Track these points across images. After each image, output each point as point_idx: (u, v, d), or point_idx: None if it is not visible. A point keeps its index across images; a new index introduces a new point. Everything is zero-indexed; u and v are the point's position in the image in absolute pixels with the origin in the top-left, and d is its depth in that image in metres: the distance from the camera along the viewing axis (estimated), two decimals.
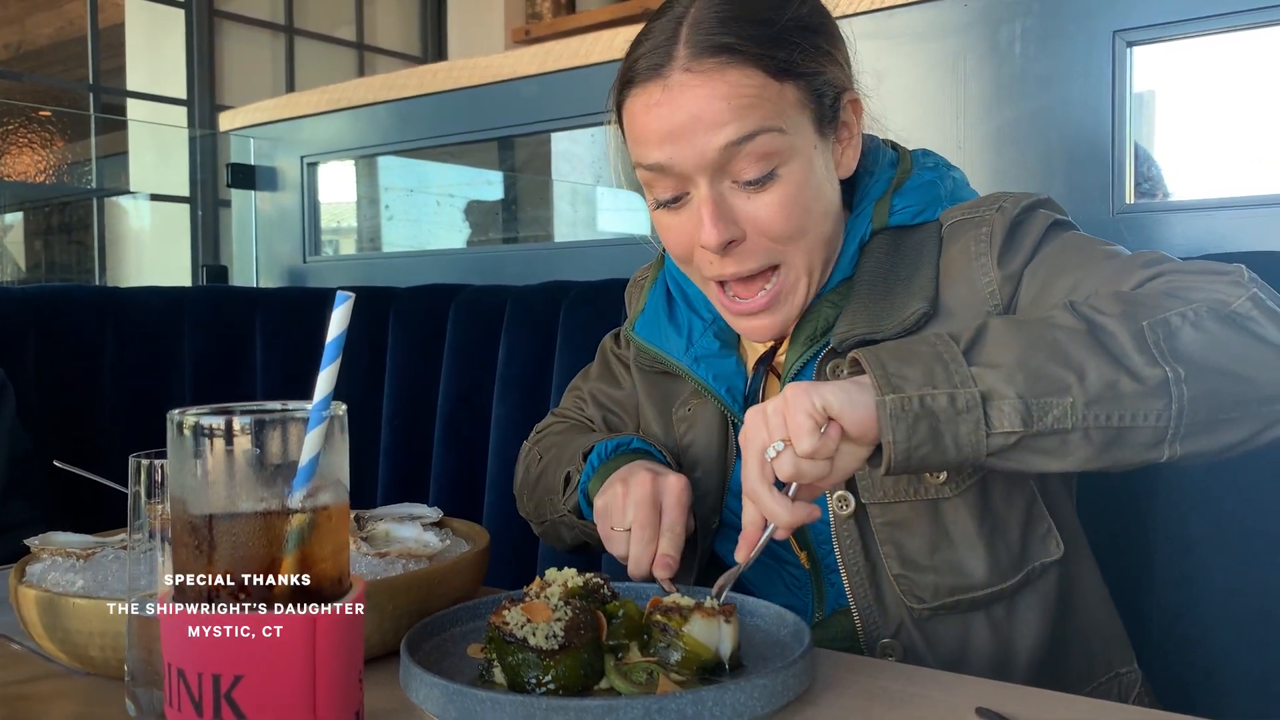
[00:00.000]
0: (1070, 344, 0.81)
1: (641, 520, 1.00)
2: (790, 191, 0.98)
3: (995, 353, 0.82)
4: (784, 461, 0.83)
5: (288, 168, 2.60)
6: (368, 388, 2.01)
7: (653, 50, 0.98)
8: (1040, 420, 0.80)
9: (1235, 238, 1.38)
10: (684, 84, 0.95)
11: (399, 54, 4.90)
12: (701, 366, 1.11)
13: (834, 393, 0.82)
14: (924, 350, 0.83)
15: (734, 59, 0.95)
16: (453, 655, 0.88)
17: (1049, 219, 1.03)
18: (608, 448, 1.11)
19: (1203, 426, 0.81)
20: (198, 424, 0.55)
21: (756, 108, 0.95)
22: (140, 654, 0.74)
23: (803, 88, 0.98)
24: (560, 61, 2.07)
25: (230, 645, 0.53)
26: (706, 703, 0.74)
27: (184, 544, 0.55)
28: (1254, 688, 1.19)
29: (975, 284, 1.01)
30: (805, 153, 0.99)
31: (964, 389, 0.80)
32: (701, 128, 0.95)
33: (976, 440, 0.80)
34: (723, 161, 0.96)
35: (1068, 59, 1.51)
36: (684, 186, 1.00)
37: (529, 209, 3.02)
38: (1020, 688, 0.83)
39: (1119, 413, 0.80)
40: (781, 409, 0.83)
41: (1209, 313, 0.82)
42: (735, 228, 0.99)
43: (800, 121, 0.99)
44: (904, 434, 0.80)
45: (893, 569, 1.01)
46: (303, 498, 0.55)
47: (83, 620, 0.84)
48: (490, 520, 1.78)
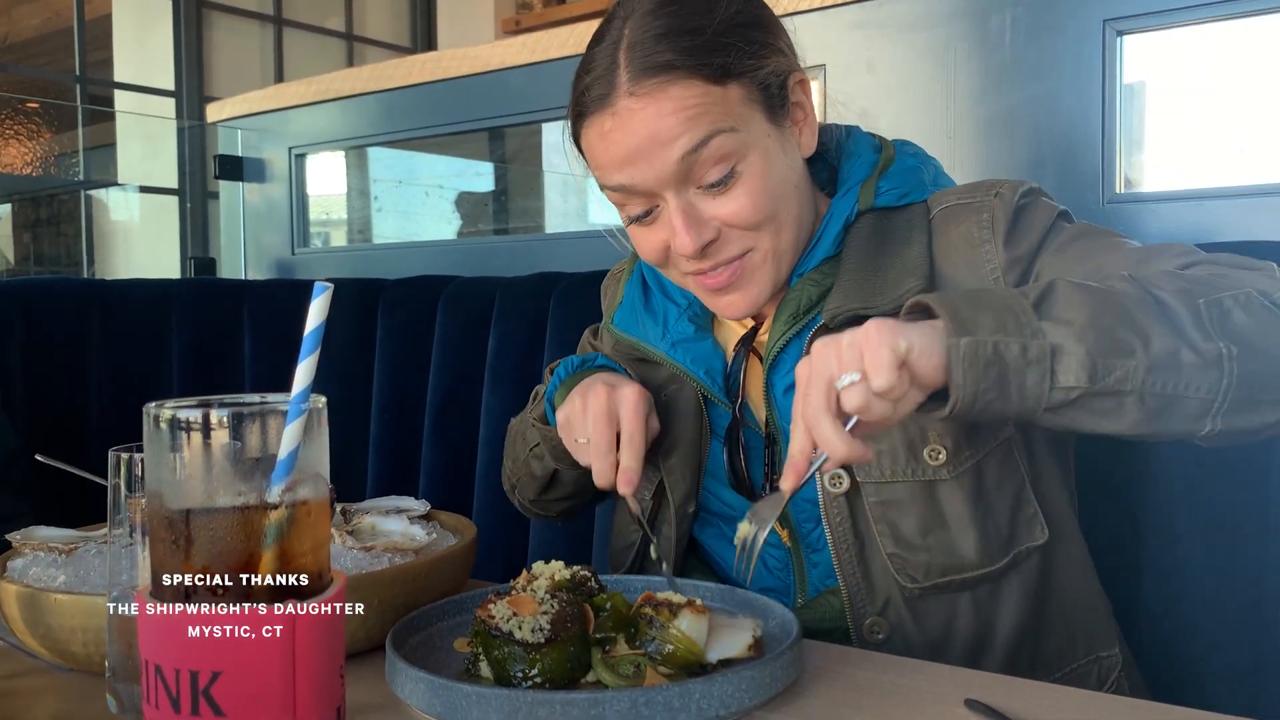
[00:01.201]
0: (1136, 310, 0.83)
1: (598, 433, 1.02)
2: (754, 184, 1.00)
3: (1065, 310, 0.83)
4: (856, 393, 0.82)
5: (276, 159, 2.58)
6: (357, 380, 2.00)
7: (596, 81, 1.00)
8: (1104, 379, 0.81)
9: (1225, 227, 1.38)
10: (631, 109, 0.97)
11: (388, 44, 4.88)
12: (679, 351, 1.12)
13: (918, 336, 0.82)
14: (994, 299, 0.84)
15: (674, 75, 0.97)
16: (439, 649, 0.87)
17: (1053, 209, 1.04)
18: (574, 363, 1.16)
19: (1244, 404, 0.84)
20: (174, 417, 0.54)
21: (704, 115, 0.97)
22: (121, 649, 0.74)
23: (746, 84, 1.00)
24: (549, 52, 2.06)
25: (208, 642, 0.52)
26: (694, 695, 0.73)
27: (161, 539, 0.54)
28: (1242, 678, 1.19)
29: (979, 270, 1.01)
30: (761, 144, 1.00)
31: (1036, 339, 0.81)
32: (656, 146, 0.97)
33: (1040, 392, 0.82)
34: (683, 171, 0.99)
35: (1058, 48, 1.50)
36: (652, 200, 1.02)
37: (519, 200, 3.00)
38: (1009, 678, 0.83)
39: (1176, 381, 0.82)
40: (861, 342, 0.82)
41: (1259, 299, 0.85)
42: (708, 230, 1.01)
43: (750, 116, 1.00)
44: (974, 379, 0.81)
45: (887, 548, 1.02)
46: (281, 492, 0.54)
47: (64, 616, 0.83)
48: (480, 512, 1.77)
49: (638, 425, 1.03)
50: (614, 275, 1.31)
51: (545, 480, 1.22)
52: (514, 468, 1.27)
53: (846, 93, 1.68)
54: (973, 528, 1.01)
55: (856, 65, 1.68)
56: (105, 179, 3.95)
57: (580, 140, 1.05)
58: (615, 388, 1.05)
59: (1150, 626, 1.24)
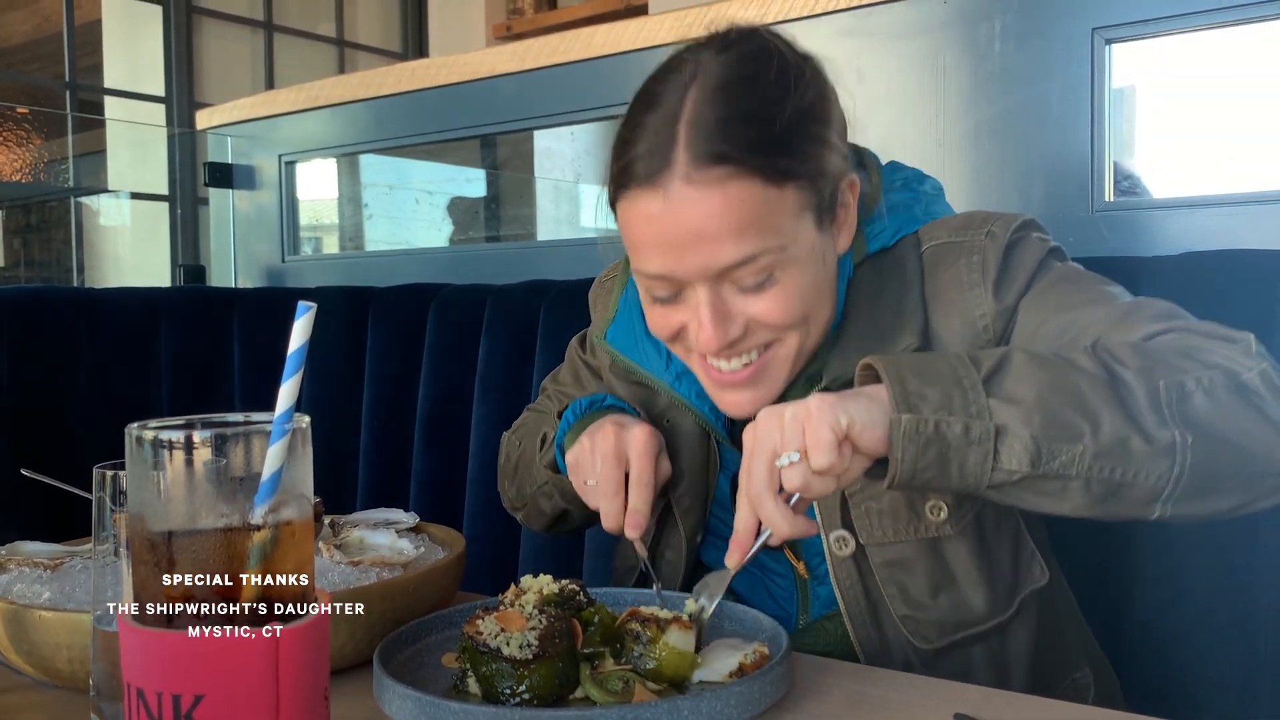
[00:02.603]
0: (1089, 391, 0.81)
1: (607, 473, 1.00)
2: (790, 290, 0.96)
3: (1016, 387, 0.81)
4: (796, 473, 0.82)
5: (266, 166, 2.58)
6: (347, 388, 1.99)
7: (650, 154, 0.93)
8: (1048, 464, 0.80)
9: (1214, 235, 1.38)
10: (684, 197, 0.91)
11: (380, 50, 4.87)
12: (683, 383, 1.08)
13: (858, 409, 0.81)
14: (944, 370, 0.82)
15: (734, 170, 0.91)
16: (427, 665, 0.87)
17: (1043, 246, 1.02)
18: (582, 405, 1.11)
19: (1196, 492, 0.82)
20: (156, 438, 0.54)
21: (756, 226, 0.92)
22: (105, 667, 0.73)
23: (804, 187, 0.95)
24: (540, 59, 2.06)
25: (190, 665, 0.52)
26: (682, 712, 0.73)
27: (143, 561, 0.54)
28: (1233, 687, 1.19)
29: (969, 316, 0.99)
30: (805, 254, 0.96)
31: (979, 420, 0.80)
32: (702, 243, 0.92)
33: (981, 472, 0.81)
34: (722, 273, 0.94)
35: (1047, 56, 1.50)
36: (680, 286, 0.97)
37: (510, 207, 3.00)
38: (999, 692, 0.83)
39: (1123, 469, 0.80)
40: (802, 418, 0.81)
41: (1222, 381, 0.82)
42: (735, 326, 0.97)
43: (800, 224, 0.95)
44: (913, 455, 0.80)
45: (898, 610, 1.01)
46: (265, 513, 0.54)
47: (49, 633, 0.82)
48: (470, 522, 1.77)
49: (647, 465, 1.01)
50: (603, 284, 1.27)
51: (555, 517, 1.20)
52: (518, 496, 1.24)
53: None
54: (981, 581, 1.00)
55: (846, 73, 1.67)
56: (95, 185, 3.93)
57: (618, 207, 0.98)
58: (625, 427, 1.03)
59: (1140, 636, 1.24)
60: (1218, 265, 1.25)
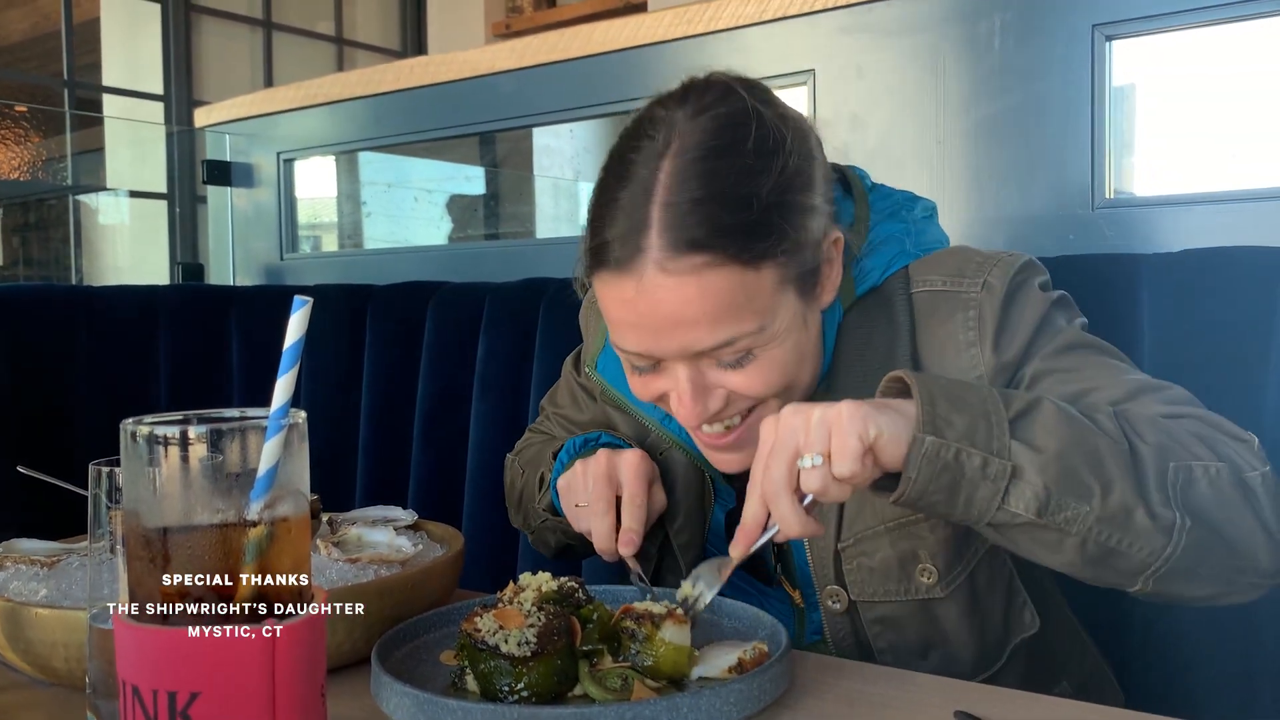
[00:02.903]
0: (1108, 455, 0.81)
1: (596, 493, 1.00)
2: (770, 364, 0.94)
3: (1040, 435, 0.81)
4: (816, 477, 0.81)
5: (264, 164, 2.57)
6: (345, 386, 1.99)
7: (623, 239, 0.90)
8: (1053, 515, 0.80)
9: (1214, 232, 1.38)
10: (659, 285, 0.89)
11: (379, 48, 4.87)
12: (672, 423, 1.06)
13: (887, 423, 0.80)
14: (974, 401, 0.82)
15: (709, 258, 0.88)
16: (425, 662, 0.87)
17: (1045, 299, 0.99)
18: (576, 444, 1.10)
19: (1180, 574, 0.83)
20: (152, 433, 0.53)
21: (733, 312, 0.90)
22: (102, 665, 0.73)
23: (784, 264, 0.91)
24: (538, 56, 2.05)
25: (186, 662, 0.51)
26: (681, 709, 0.73)
27: (138, 557, 0.54)
28: (1236, 685, 1.18)
29: (965, 376, 0.96)
30: (786, 326, 0.94)
31: (999, 458, 0.80)
32: (679, 330, 0.91)
33: (987, 509, 0.81)
34: (699, 354, 0.93)
35: (1047, 53, 1.50)
36: (659, 359, 0.95)
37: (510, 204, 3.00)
38: (998, 689, 0.82)
39: (1121, 537, 0.81)
40: (831, 422, 0.80)
41: (1228, 476, 0.83)
42: (715, 399, 0.95)
43: (781, 300, 0.92)
44: (927, 477, 0.80)
45: (886, 662, 1.00)
46: (261, 509, 0.54)
47: (45, 631, 0.82)
48: (469, 519, 1.76)
49: (639, 486, 1.00)
50: (592, 306, 1.23)
51: (560, 548, 1.20)
52: (524, 525, 1.24)
53: (835, 98, 1.67)
54: (971, 640, 1.00)
55: (845, 70, 1.68)
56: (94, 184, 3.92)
57: (593, 281, 0.96)
58: (617, 452, 1.02)
59: (1141, 634, 1.24)
60: (1218, 262, 1.25)
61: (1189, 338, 1.23)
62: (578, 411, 1.26)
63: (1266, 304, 1.19)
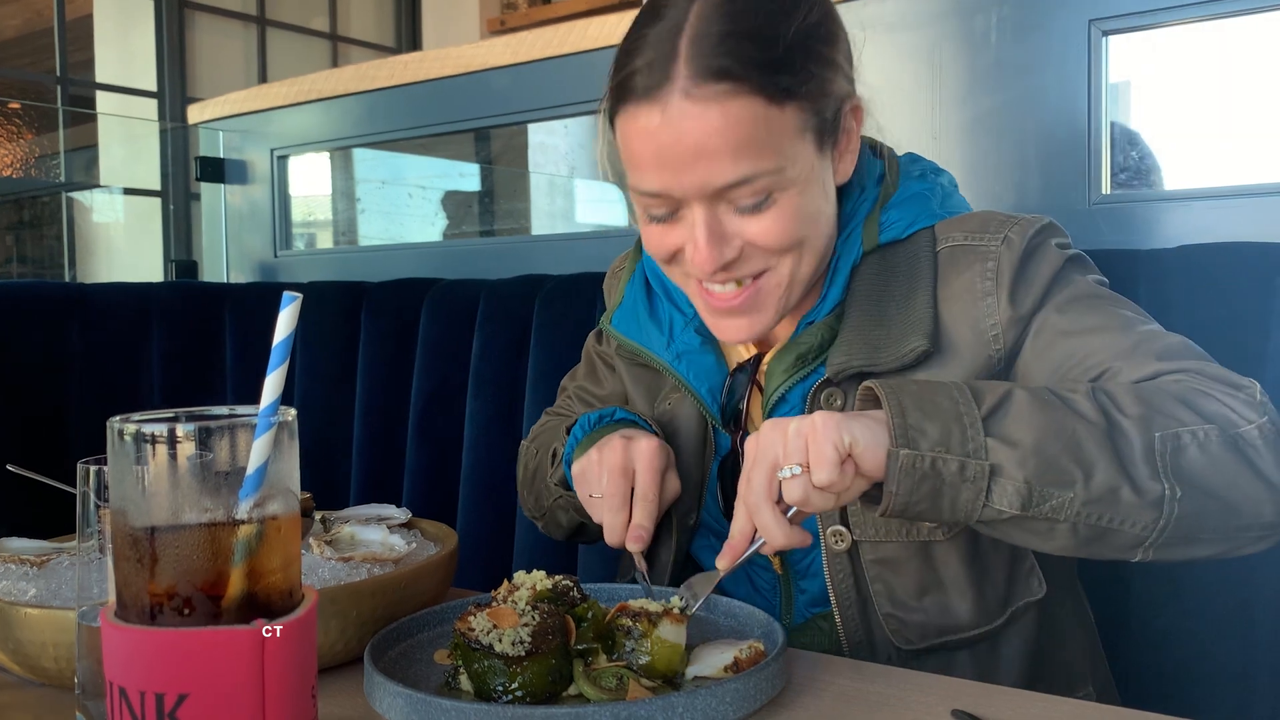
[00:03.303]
0: (1086, 438, 0.82)
1: (612, 488, 1.00)
2: (787, 211, 0.95)
3: (1015, 429, 0.82)
4: (796, 486, 0.82)
5: (258, 161, 2.56)
6: (340, 383, 1.98)
7: (649, 66, 0.91)
8: (1037, 506, 0.81)
9: (1211, 227, 1.37)
10: (684, 112, 0.90)
11: (373, 45, 4.86)
12: (683, 363, 1.08)
13: (862, 431, 0.81)
14: (945, 404, 0.82)
15: (735, 87, 0.90)
16: (419, 662, 0.86)
17: (1061, 256, 1.00)
18: (590, 419, 1.11)
19: (1179, 541, 0.83)
20: (139, 431, 0.53)
21: (755, 145, 0.91)
22: (91, 665, 0.72)
23: (805, 108, 0.93)
24: (533, 52, 2.04)
25: (173, 663, 0.50)
26: (676, 709, 0.72)
27: (125, 557, 0.53)
28: (1234, 680, 1.18)
29: (979, 325, 0.98)
30: (804, 175, 0.95)
31: (975, 459, 0.81)
32: (700, 163, 0.91)
33: (972, 509, 0.82)
34: (719, 193, 0.93)
35: (1043, 48, 1.50)
36: (677, 205, 0.96)
37: (505, 201, 2.99)
38: (997, 688, 0.82)
39: (1110, 516, 0.82)
40: (806, 433, 0.82)
41: (1218, 435, 0.83)
42: (730, 248, 0.96)
43: (800, 146, 0.94)
44: (908, 489, 0.81)
45: (883, 608, 1.00)
46: (250, 508, 0.53)
47: (35, 630, 0.81)
48: (464, 516, 1.75)
49: (652, 480, 1.00)
50: (614, 273, 1.27)
51: (573, 529, 1.19)
52: (536, 507, 1.23)
53: None
54: (969, 589, 1.00)
55: None
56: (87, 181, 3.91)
57: (616, 122, 0.97)
58: (632, 440, 1.02)
59: (1138, 629, 1.24)
60: (1215, 258, 1.25)
61: (1186, 333, 1.22)
62: (597, 385, 1.27)
63: (1263, 299, 1.19)
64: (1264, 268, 1.20)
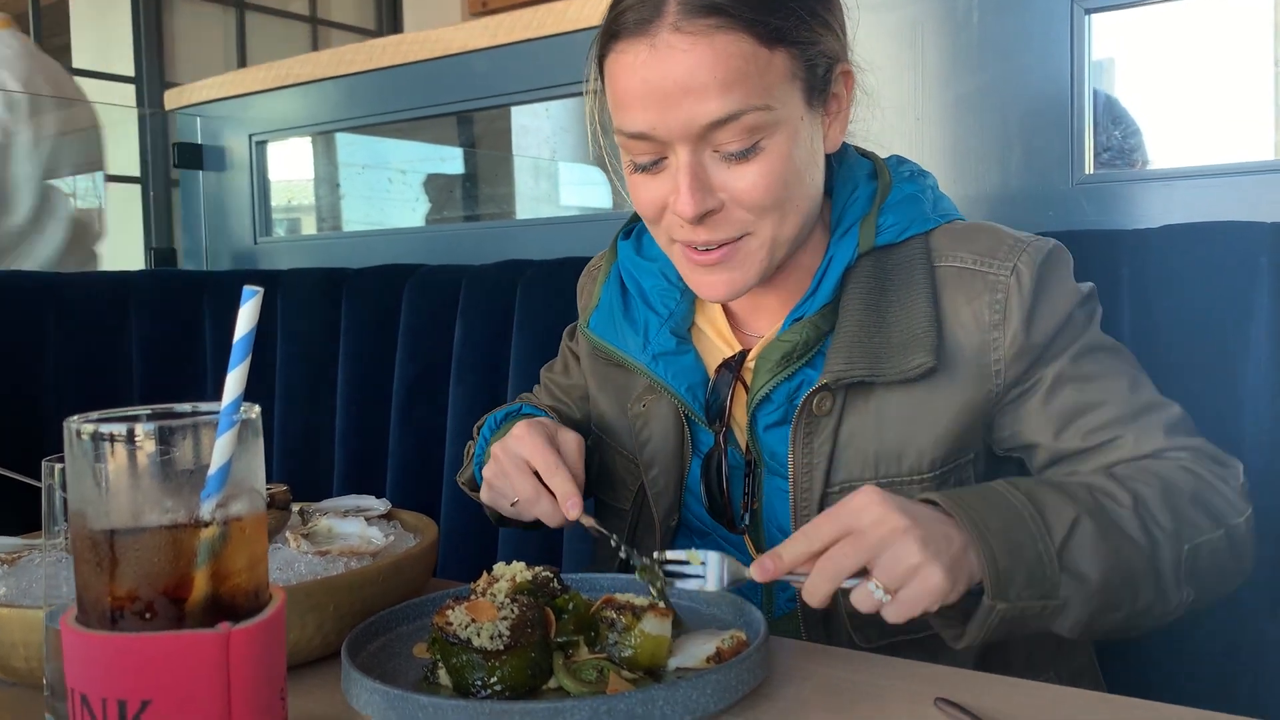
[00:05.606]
0: (1136, 566, 0.87)
1: (520, 486, 0.99)
2: (773, 164, 0.94)
3: (1084, 563, 0.85)
4: (870, 604, 0.81)
5: (236, 146, 2.53)
6: (321, 371, 1.96)
7: (640, 4, 0.92)
8: (1087, 628, 0.87)
9: (1194, 207, 1.37)
10: (671, 46, 0.90)
11: (354, 28, 4.81)
12: (660, 364, 1.07)
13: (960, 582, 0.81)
14: (1026, 543, 0.84)
15: (725, 22, 0.90)
16: (398, 656, 0.85)
17: (1074, 292, 1.01)
18: (497, 418, 1.13)
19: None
20: (96, 431, 0.51)
21: (743, 82, 0.91)
22: (59, 666, 0.70)
23: (795, 56, 0.94)
24: (514, 34, 2.02)
25: (136, 669, 0.49)
26: (657, 701, 0.71)
27: (85, 560, 0.52)
28: (1214, 665, 1.18)
29: (983, 357, 0.98)
30: (791, 125, 0.94)
31: (1052, 600, 0.84)
32: (687, 99, 0.91)
33: (1031, 631, 0.85)
34: (705, 133, 0.93)
35: (1026, 27, 1.48)
36: (663, 151, 0.96)
37: (488, 186, 2.96)
38: (979, 675, 0.81)
39: (1137, 626, 0.90)
40: (916, 567, 0.79)
41: (1224, 544, 0.92)
42: (713, 198, 0.95)
43: (789, 93, 0.94)
44: (990, 630, 0.83)
45: (846, 606, 0.99)
46: (214, 508, 0.52)
47: (4, 630, 0.80)
48: (448, 505, 1.74)
49: (547, 455, 0.99)
50: (590, 274, 1.26)
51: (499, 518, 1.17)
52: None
53: None
54: None
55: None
56: None
57: (605, 64, 0.97)
58: (505, 439, 1.02)
59: None
60: (1198, 237, 1.24)
61: (1169, 313, 1.22)
62: (565, 377, 1.28)
63: (1247, 279, 1.18)
64: (1247, 247, 1.19)
